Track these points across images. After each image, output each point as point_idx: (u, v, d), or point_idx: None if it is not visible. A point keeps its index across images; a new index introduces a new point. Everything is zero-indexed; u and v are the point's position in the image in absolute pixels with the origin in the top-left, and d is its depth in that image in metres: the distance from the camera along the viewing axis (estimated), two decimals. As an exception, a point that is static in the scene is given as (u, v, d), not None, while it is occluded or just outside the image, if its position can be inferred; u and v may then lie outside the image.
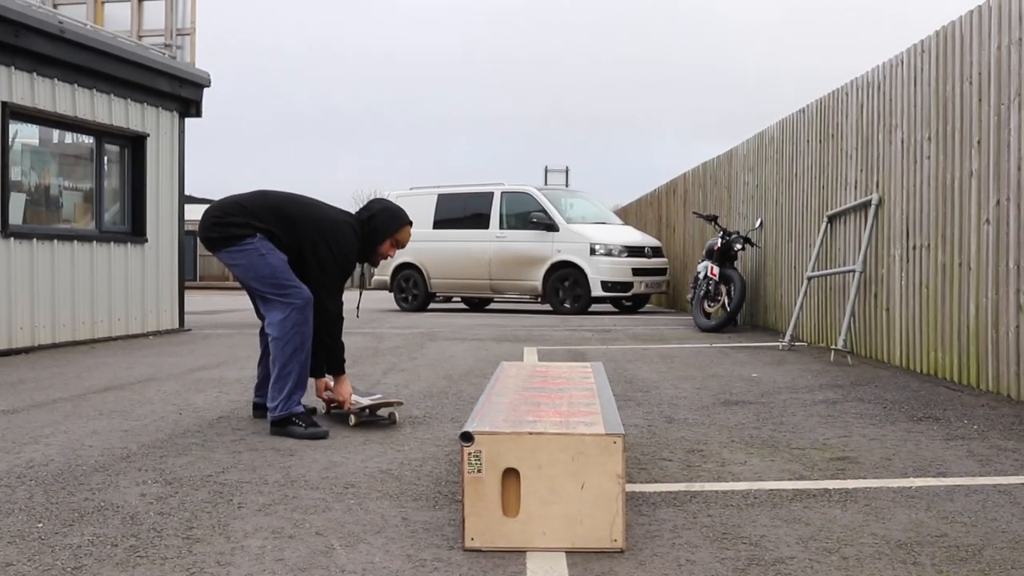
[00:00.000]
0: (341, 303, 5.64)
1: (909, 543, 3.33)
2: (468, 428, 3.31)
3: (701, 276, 13.60)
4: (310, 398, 5.90)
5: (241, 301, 23.73)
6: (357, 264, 5.81)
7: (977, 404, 6.32)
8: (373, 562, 3.14)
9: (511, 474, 3.27)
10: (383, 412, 5.82)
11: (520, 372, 4.99)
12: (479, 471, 3.27)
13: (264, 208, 5.54)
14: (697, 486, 4.19)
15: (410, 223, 5.91)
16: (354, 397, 5.72)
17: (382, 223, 5.77)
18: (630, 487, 4.09)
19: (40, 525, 3.57)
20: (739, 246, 13.26)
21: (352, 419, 5.65)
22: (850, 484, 4.21)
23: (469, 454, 3.27)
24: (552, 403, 3.94)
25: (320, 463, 4.65)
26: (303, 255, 5.51)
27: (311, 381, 5.70)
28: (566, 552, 3.23)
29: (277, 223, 5.49)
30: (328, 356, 5.66)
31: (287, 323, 5.38)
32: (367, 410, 5.70)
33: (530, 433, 3.28)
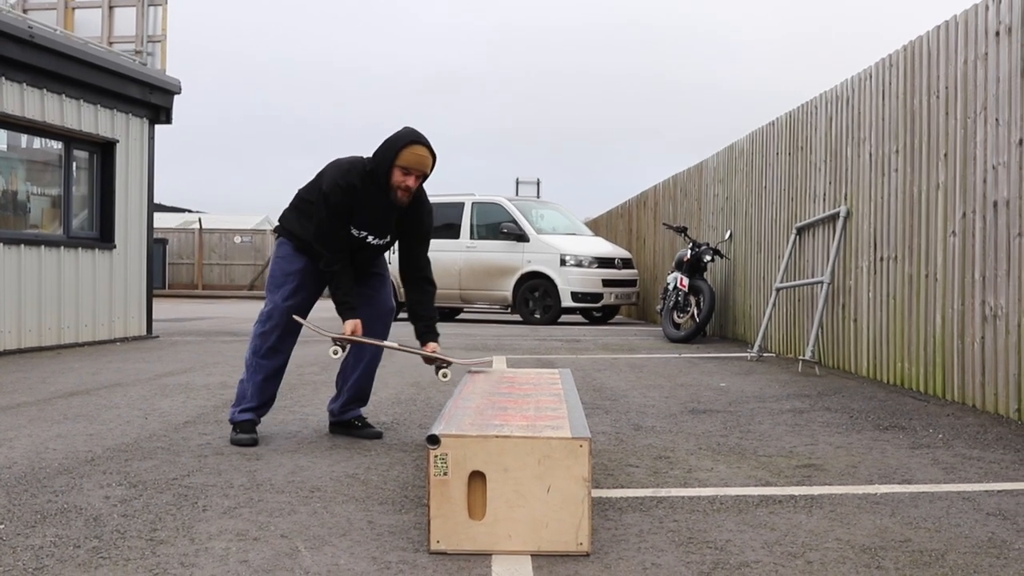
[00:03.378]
0: (330, 255, 5.12)
1: (873, 548, 3.35)
2: (435, 431, 3.31)
3: (671, 287, 13.64)
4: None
5: (210, 309, 23.61)
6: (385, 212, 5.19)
7: (943, 414, 6.37)
8: (338, 564, 3.13)
9: (477, 477, 3.27)
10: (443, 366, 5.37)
11: (488, 378, 4.98)
12: (445, 474, 3.26)
13: (309, 183, 5.41)
14: (664, 492, 4.20)
15: (416, 142, 5.01)
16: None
17: (382, 151, 5.05)
18: (597, 492, 4.09)
19: (1, 526, 3.54)
20: (709, 257, 13.31)
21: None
22: (815, 491, 4.23)
23: (435, 457, 3.26)
24: (519, 408, 3.94)
25: (286, 467, 4.63)
26: None
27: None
28: (532, 555, 3.23)
29: (309, 191, 5.34)
30: (336, 304, 5.18)
31: (253, 332, 5.42)
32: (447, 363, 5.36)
33: (496, 436, 3.28)
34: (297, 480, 4.36)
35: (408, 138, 5.02)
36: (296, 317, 5.28)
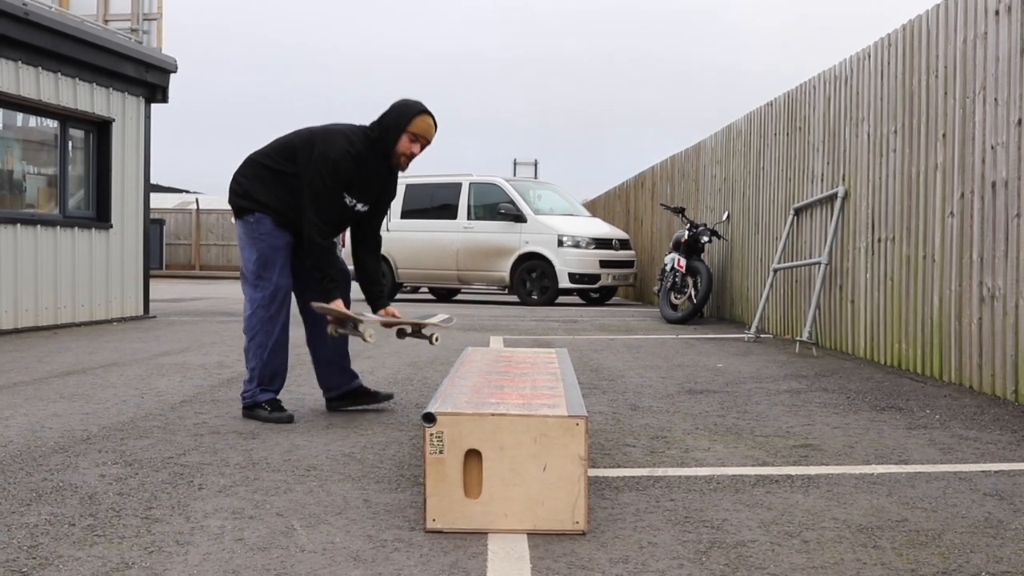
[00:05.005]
0: (324, 228, 5.17)
1: (870, 527, 3.34)
2: (430, 409, 3.29)
3: (668, 268, 13.62)
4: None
5: (207, 290, 23.59)
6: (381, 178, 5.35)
7: (940, 395, 6.37)
8: (334, 542, 3.13)
9: (473, 455, 3.26)
10: (427, 332, 5.42)
11: (485, 357, 4.97)
12: (441, 452, 3.26)
13: (274, 151, 5.34)
14: (660, 471, 4.19)
15: (426, 112, 5.23)
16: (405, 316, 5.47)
17: (392, 119, 5.20)
18: (593, 472, 4.08)
19: (-4, 505, 3.53)
20: (706, 238, 13.29)
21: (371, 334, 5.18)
22: (812, 470, 4.23)
23: (431, 435, 3.25)
24: (516, 386, 3.92)
25: (283, 446, 4.62)
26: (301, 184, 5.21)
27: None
28: (528, 534, 3.22)
29: (285, 163, 5.26)
30: (316, 282, 5.21)
31: (252, 319, 5.30)
32: (410, 328, 5.42)
33: (492, 414, 3.27)
34: (293, 459, 4.35)
35: (419, 107, 5.23)
36: (317, 305, 5.23)
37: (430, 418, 3.26)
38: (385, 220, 5.49)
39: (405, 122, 5.17)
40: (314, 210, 5.14)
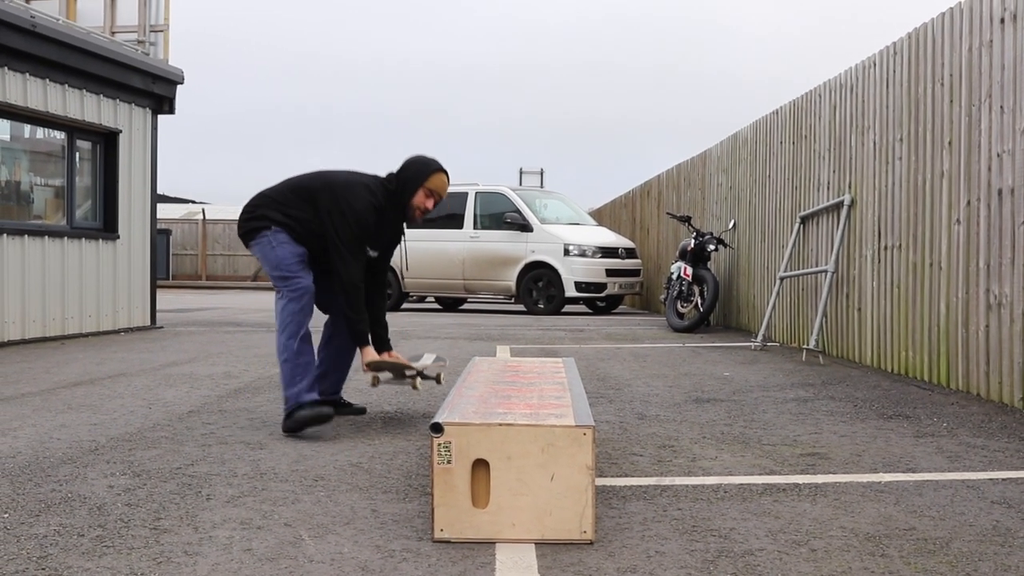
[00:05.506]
0: (358, 271, 5.35)
1: (878, 536, 3.34)
2: (438, 419, 3.30)
3: (674, 277, 13.62)
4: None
5: (213, 300, 23.63)
6: (399, 231, 5.68)
7: (947, 402, 6.36)
8: (342, 552, 3.13)
9: (481, 465, 3.27)
10: (430, 372, 5.63)
11: (492, 367, 4.98)
12: (449, 462, 3.26)
13: (288, 190, 5.49)
14: (668, 480, 4.19)
15: (443, 171, 5.55)
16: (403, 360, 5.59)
17: (411, 174, 5.48)
18: (601, 481, 4.09)
19: (6, 515, 3.54)
20: (712, 247, 13.29)
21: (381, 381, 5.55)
22: (820, 479, 4.23)
23: (439, 445, 3.26)
24: (523, 396, 3.93)
25: (290, 456, 4.63)
26: (326, 231, 5.36)
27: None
28: (535, 543, 3.22)
29: (300, 202, 5.41)
30: (349, 327, 5.41)
31: (284, 313, 5.27)
32: (413, 374, 5.52)
33: (500, 424, 3.27)
34: (301, 469, 4.36)
35: (436, 165, 5.53)
36: (372, 362, 5.38)
37: (438, 428, 3.26)
38: None
39: (423, 179, 5.45)
40: (349, 258, 5.32)
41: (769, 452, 4.80)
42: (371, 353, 5.40)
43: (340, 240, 5.30)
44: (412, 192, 5.46)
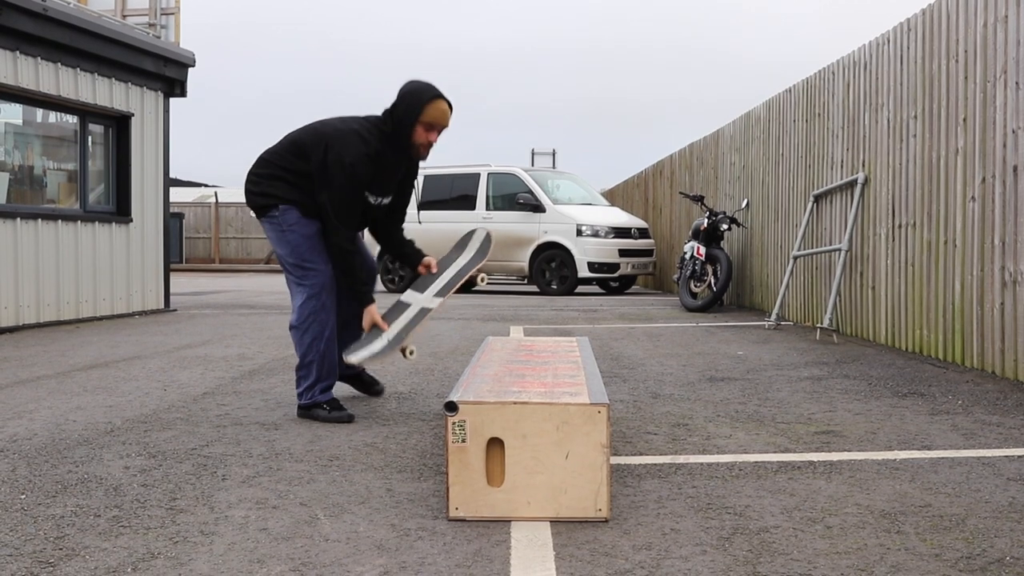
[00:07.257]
0: (349, 232, 5.00)
1: (893, 513, 3.34)
2: (452, 398, 3.30)
3: (688, 256, 13.60)
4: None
5: (226, 283, 23.67)
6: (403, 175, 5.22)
7: (962, 380, 6.34)
8: (357, 531, 3.14)
9: (496, 444, 3.27)
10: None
11: (506, 346, 4.98)
12: (463, 441, 3.26)
13: (286, 150, 5.12)
14: (682, 458, 4.19)
15: (438, 97, 4.98)
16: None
17: (404, 109, 4.96)
18: (616, 459, 4.09)
19: (23, 496, 3.56)
20: (725, 226, 13.25)
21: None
22: (835, 456, 4.22)
23: (453, 424, 3.26)
24: (537, 375, 3.93)
25: (305, 436, 4.64)
26: (317, 192, 5.01)
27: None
28: (551, 521, 3.23)
29: (297, 159, 5.05)
30: (351, 288, 5.10)
31: (304, 310, 5.07)
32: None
33: (514, 403, 3.27)
34: (316, 449, 4.37)
35: (430, 93, 4.98)
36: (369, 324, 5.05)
37: (452, 407, 3.27)
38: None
39: (417, 112, 4.94)
40: (338, 218, 4.95)
41: (783, 430, 4.79)
42: (373, 313, 5.03)
43: (332, 197, 4.93)
44: (410, 131, 4.98)
